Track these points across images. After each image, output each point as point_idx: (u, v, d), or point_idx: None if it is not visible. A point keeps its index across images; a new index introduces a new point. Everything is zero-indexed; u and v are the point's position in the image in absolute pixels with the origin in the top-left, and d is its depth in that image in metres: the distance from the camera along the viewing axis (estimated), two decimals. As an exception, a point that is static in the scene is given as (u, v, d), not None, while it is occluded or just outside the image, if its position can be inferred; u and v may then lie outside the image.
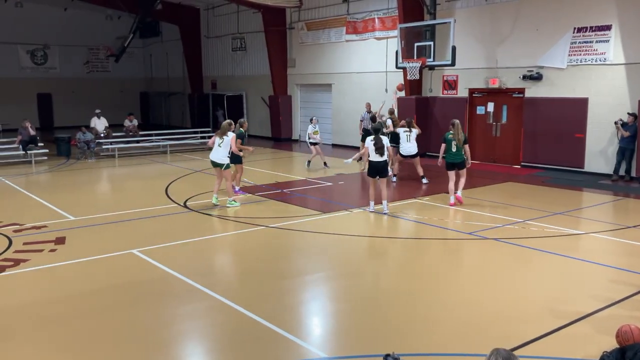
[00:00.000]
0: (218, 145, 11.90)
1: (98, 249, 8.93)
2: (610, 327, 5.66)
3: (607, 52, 15.15)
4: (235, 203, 12.05)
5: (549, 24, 16.23)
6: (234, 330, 6.09)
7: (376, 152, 11.18)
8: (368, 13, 21.37)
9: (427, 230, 10.25)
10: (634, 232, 9.95)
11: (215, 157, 11.92)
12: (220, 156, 11.89)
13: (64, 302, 6.89)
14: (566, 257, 8.54)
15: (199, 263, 8.77)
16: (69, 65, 33.92)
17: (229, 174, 12.04)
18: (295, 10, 24.52)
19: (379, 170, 11.32)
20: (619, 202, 12.82)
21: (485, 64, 17.95)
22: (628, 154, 14.67)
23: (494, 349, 3.28)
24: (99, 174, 17.53)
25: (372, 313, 6.57)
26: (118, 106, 32.19)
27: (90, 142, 20.35)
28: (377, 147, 11.15)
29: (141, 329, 6.15)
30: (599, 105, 15.43)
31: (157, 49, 35.46)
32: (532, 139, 16.93)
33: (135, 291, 7.24)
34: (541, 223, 10.51)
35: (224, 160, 11.88)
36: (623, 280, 7.54)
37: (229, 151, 11.88)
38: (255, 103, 27.47)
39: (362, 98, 20.93)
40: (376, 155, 11.21)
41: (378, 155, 11.18)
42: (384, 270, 8.39)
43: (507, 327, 6.12)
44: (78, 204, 12.47)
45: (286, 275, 7.96)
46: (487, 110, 18.17)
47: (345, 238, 9.85)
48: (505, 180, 15.21)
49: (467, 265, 8.50)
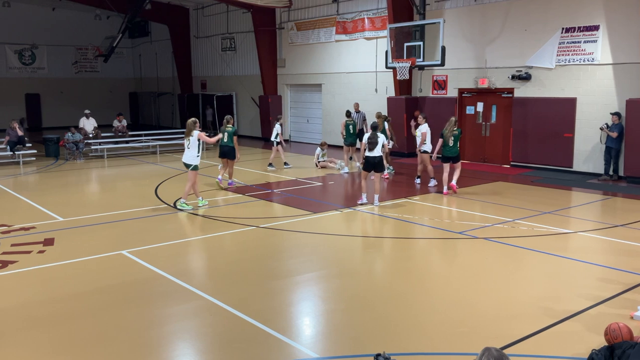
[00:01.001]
0: (187, 147, 11.69)
1: (87, 250, 8.88)
2: (599, 325, 5.70)
3: (595, 52, 15.27)
4: (185, 206, 11.74)
5: (537, 24, 16.33)
6: (224, 330, 6.07)
7: (368, 147, 11.93)
8: (358, 13, 21.40)
9: (418, 230, 10.28)
10: (622, 230, 10.03)
11: (185, 159, 11.76)
12: (189, 157, 11.68)
13: (53, 303, 6.84)
14: (555, 256, 8.59)
15: (188, 264, 8.74)
16: (57, 65, 33.72)
17: (193, 176, 11.68)
18: (284, 10, 24.51)
19: (374, 165, 11.99)
20: (607, 201, 12.92)
21: (474, 64, 18.03)
22: (614, 154, 14.79)
23: (485, 348, 3.27)
24: (87, 175, 17.43)
25: (363, 313, 6.58)
26: (107, 106, 32.07)
27: (79, 142, 20.22)
28: (370, 142, 11.92)
29: (131, 329, 6.12)
30: (588, 105, 15.54)
31: (146, 49, 35.32)
32: (521, 138, 17.03)
33: (125, 292, 7.20)
34: (531, 222, 10.57)
35: (194, 160, 11.64)
36: (611, 279, 7.60)
37: (198, 151, 11.66)
38: (245, 103, 27.43)
39: (352, 98, 20.97)
40: (370, 151, 11.93)
41: (370, 150, 11.92)
42: (374, 270, 8.40)
43: (497, 325, 6.15)
44: (67, 205, 12.39)
45: (277, 275, 7.95)
46: (476, 110, 18.25)
47: (336, 238, 9.85)
48: (495, 179, 15.28)
49: (458, 265, 8.52)
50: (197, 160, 11.68)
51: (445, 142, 13.00)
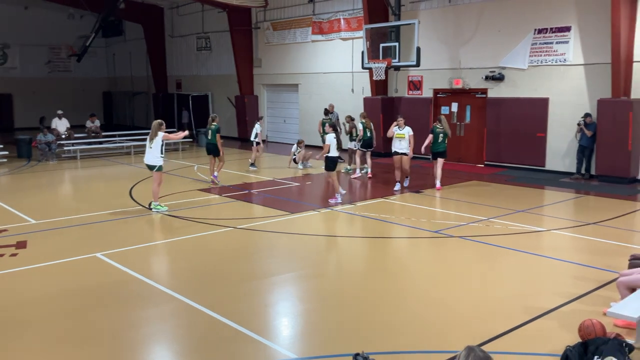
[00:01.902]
0: (149, 147, 11.61)
1: (61, 253, 8.74)
2: (573, 322, 5.80)
3: (566, 53, 15.52)
4: (159, 207, 11.59)
5: (510, 25, 16.54)
6: (201, 332, 6.03)
7: (337, 147, 12.75)
8: (334, 14, 21.43)
9: (395, 230, 10.33)
10: (595, 228, 10.21)
11: (148, 160, 11.67)
12: (152, 158, 11.59)
13: (26, 306, 6.71)
14: (529, 254, 8.71)
15: (164, 265, 8.67)
16: (29, 65, 33.13)
17: (159, 177, 11.61)
18: (260, 10, 24.44)
19: (336, 164, 12.76)
20: (580, 199, 13.14)
21: (449, 65, 18.19)
22: (588, 153, 15.05)
23: (469, 348, 3.17)
24: (60, 176, 17.16)
25: (341, 312, 6.59)
26: (80, 106, 31.59)
27: (52, 143, 19.90)
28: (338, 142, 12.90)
29: (107, 332, 6.04)
30: (560, 105, 15.79)
31: (120, 48, 34.91)
32: (495, 138, 17.23)
33: (100, 295, 7.11)
34: (505, 221, 10.70)
35: (157, 162, 11.56)
36: (584, 276, 7.73)
37: (160, 152, 11.57)
38: (221, 103, 27.27)
39: (329, 98, 21.00)
40: (336, 151, 12.68)
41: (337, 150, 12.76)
42: (352, 269, 8.42)
43: (473, 323, 6.21)
44: (39, 207, 12.18)
45: (254, 276, 7.92)
46: (451, 110, 18.41)
47: (313, 238, 9.85)
48: (470, 179, 15.44)
49: (434, 263, 8.59)
50: (160, 160, 11.61)
51: (435, 139, 13.77)
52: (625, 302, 5.76)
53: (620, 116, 14.18)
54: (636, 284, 6.07)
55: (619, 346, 4.75)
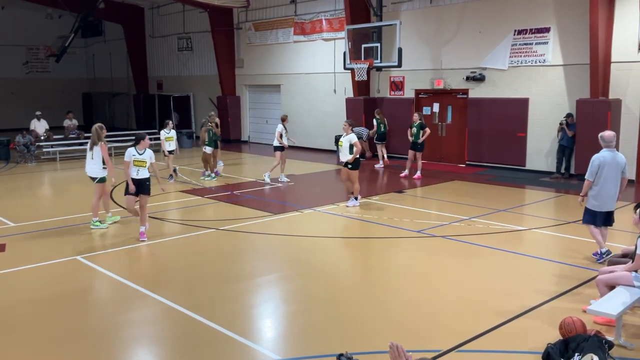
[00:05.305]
0: (90, 157, 10.30)
1: (40, 256, 8.62)
2: (554, 320, 5.86)
3: (546, 54, 15.69)
4: (99, 224, 10.37)
5: (491, 26, 16.68)
6: (183, 335, 5.98)
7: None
8: (315, 14, 21.42)
9: (377, 230, 10.35)
10: (575, 227, 10.32)
11: (89, 171, 10.40)
12: (94, 168, 10.32)
13: (6, 311, 6.62)
14: (511, 253, 8.79)
15: (146, 268, 8.60)
16: (6, 65, 32.54)
17: (101, 189, 10.42)
18: (242, 10, 24.35)
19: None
20: (560, 198, 13.29)
21: (430, 66, 18.28)
22: (568, 152, 15.23)
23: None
24: (39, 178, 16.94)
25: (324, 313, 6.59)
26: (59, 108, 31.09)
27: (30, 145, 19.63)
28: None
29: (89, 336, 5.97)
30: (540, 105, 15.96)
31: (100, 48, 34.54)
32: (476, 138, 17.36)
33: (81, 298, 7.03)
34: (486, 220, 10.78)
35: (100, 173, 10.31)
36: (565, 274, 7.82)
37: (103, 162, 10.24)
38: (203, 104, 27.11)
39: (311, 99, 20.99)
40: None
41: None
42: (335, 270, 8.42)
43: (455, 322, 6.25)
44: (18, 210, 12.03)
45: (237, 278, 7.89)
46: (432, 111, 18.51)
47: (296, 239, 9.84)
48: (451, 179, 15.54)
49: (417, 263, 8.62)
50: (103, 172, 10.31)
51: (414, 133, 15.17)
52: (605, 300, 5.84)
53: (599, 116, 14.34)
54: (615, 282, 6.16)
55: (599, 343, 4.81)
